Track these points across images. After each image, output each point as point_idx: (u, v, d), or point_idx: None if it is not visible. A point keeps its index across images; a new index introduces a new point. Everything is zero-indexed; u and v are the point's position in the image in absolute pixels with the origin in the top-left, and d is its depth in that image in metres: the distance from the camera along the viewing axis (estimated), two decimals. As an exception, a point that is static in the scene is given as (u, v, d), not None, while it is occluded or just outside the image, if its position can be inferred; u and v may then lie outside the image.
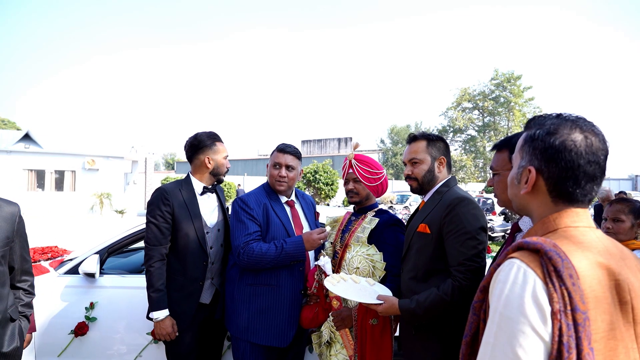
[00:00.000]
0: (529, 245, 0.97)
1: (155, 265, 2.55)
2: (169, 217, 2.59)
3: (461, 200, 1.95)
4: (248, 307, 2.52)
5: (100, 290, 3.06)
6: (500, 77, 41.48)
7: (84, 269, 2.96)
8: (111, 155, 24.25)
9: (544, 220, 1.08)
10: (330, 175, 20.86)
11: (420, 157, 2.16)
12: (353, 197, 2.52)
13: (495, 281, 0.99)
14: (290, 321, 2.50)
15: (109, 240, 3.25)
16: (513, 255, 0.99)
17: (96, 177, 23.65)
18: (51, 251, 3.79)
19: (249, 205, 2.55)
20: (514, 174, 1.16)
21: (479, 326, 1.07)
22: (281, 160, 2.62)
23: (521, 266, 0.94)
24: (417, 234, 2.05)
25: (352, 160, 2.48)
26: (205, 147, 2.73)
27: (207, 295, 2.70)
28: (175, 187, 2.70)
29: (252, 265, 2.44)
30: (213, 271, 2.72)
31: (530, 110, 41.15)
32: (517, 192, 1.15)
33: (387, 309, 1.96)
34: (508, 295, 0.93)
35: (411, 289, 2.02)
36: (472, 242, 1.87)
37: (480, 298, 1.08)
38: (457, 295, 1.83)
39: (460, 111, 43.41)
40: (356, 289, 2.08)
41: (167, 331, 2.52)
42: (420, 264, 2.01)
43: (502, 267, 0.99)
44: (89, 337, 2.99)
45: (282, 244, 2.42)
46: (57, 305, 3.01)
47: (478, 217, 1.93)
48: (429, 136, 2.20)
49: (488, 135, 42.79)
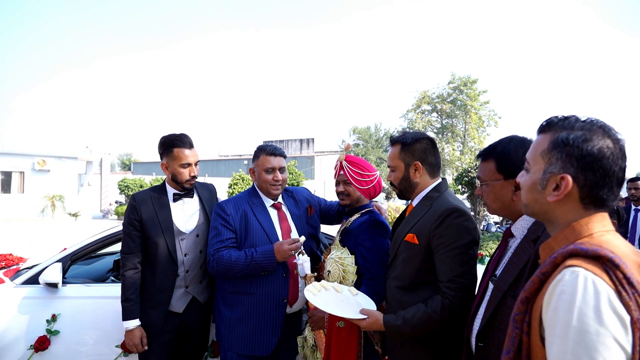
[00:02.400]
0: (587, 252, 0.93)
1: (126, 274, 2.52)
2: (138, 225, 2.55)
3: (452, 211, 1.82)
4: (230, 315, 2.44)
5: (63, 301, 2.85)
6: (457, 80, 42.76)
7: (45, 279, 2.75)
8: (64, 155, 23.11)
9: (573, 226, 1.04)
10: (295, 176, 20.71)
11: (394, 163, 2.05)
12: (344, 199, 2.47)
13: (554, 293, 0.94)
14: (271, 329, 2.41)
15: (71, 247, 3.04)
16: (570, 263, 0.94)
17: (47, 178, 22.46)
18: (5, 259, 3.51)
19: (225, 211, 2.48)
20: (537, 179, 1.11)
21: (521, 340, 1.02)
22: (275, 163, 2.53)
23: (588, 275, 0.90)
24: (405, 243, 1.94)
25: (343, 162, 2.41)
26: (164, 152, 2.60)
27: (179, 304, 2.59)
28: (147, 194, 2.64)
29: (222, 273, 2.39)
30: (188, 279, 2.60)
31: (486, 113, 42.67)
32: (539, 198, 1.11)
33: (371, 325, 1.88)
34: (581, 307, 0.88)
35: (397, 299, 1.94)
36: (464, 257, 1.78)
37: (522, 310, 1.02)
38: (447, 313, 1.74)
39: (419, 113, 44.47)
40: (338, 299, 2.01)
41: (134, 342, 2.47)
42: (406, 274, 1.92)
43: (562, 277, 0.94)
44: (51, 351, 2.77)
45: (252, 253, 2.34)
46: (14, 318, 2.77)
47: (470, 230, 1.82)
48: (404, 139, 2.03)
49: (446, 137, 44.03)
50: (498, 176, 1.63)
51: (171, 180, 2.63)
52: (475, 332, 1.55)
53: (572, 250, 0.96)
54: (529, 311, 1.01)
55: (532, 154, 1.14)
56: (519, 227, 1.62)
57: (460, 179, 12.13)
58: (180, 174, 2.58)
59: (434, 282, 1.85)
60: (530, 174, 1.14)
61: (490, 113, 42.93)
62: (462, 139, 43.90)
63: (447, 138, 43.84)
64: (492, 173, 1.66)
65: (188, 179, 2.60)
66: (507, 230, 1.68)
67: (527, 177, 1.15)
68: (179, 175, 2.58)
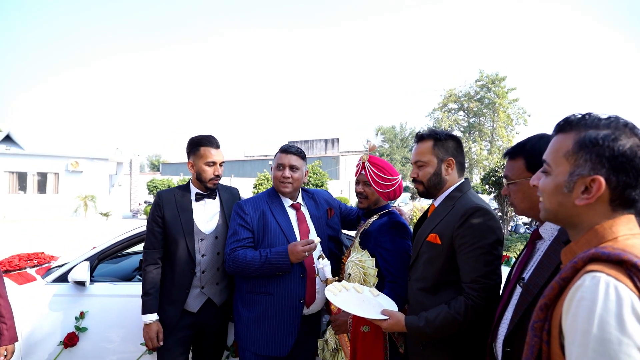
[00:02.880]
0: (609, 256, 0.89)
1: (147, 269, 2.60)
2: (160, 222, 2.62)
3: (476, 210, 1.79)
4: (248, 314, 2.46)
5: (91, 298, 2.93)
6: (485, 78, 41.95)
7: (74, 277, 2.84)
8: (95, 156, 23.86)
9: (596, 229, 1.00)
10: (319, 176, 20.74)
11: (426, 159, 2.00)
12: (362, 201, 2.44)
13: (574, 299, 0.89)
14: (288, 330, 2.40)
15: (99, 246, 3.12)
16: (591, 268, 0.90)
17: (80, 179, 23.22)
18: (37, 258, 3.64)
19: (244, 210, 2.51)
20: (562, 181, 1.05)
21: (541, 348, 0.98)
22: (284, 160, 2.54)
23: (610, 280, 0.85)
24: (427, 244, 1.91)
25: (366, 163, 2.37)
26: (191, 151, 2.68)
27: (195, 303, 2.60)
28: (171, 192, 2.70)
29: (238, 272, 2.42)
30: (204, 280, 2.61)
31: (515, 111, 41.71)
32: (564, 201, 1.06)
33: (392, 326, 1.84)
34: (602, 314, 0.83)
35: (419, 301, 1.91)
36: (488, 257, 1.74)
37: (541, 317, 0.98)
38: (471, 314, 1.71)
39: (445, 112, 43.81)
40: (359, 300, 1.98)
41: (150, 335, 2.52)
42: (429, 276, 1.89)
43: (582, 282, 0.89)
44: (79, 348, 2.86)
45: (267, 254, 2.34)
46: (45, 315, 2.87)
47: (494, 230, 1.78)
48: (436, 135, 2.02)
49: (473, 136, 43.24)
50: (527, 174, 1.58)
51: (195, 179, 2.68)
52: (502, 338, 1.50)
53: (593, 254, 0.91)
54: (549, 318, 0.97)
55: (554, 155, 1.08)
56: (548, 229, 1.56)
57: (487, 179, 11.88)
58: (204, 172, 2.63)
59: (457, 283, 1.81)
60: (553, 177, 1.08)
61: (519, 111, 41.95)
62: (490, 138, 43.03)
63: (474, 137, 43.03)
64: (521, 171, 1.62)
65: (212, 178, 2.64)
66: (534, 232, 1.62)
67: (549, 180, 1.09)
68: (204, 174, 2.63)
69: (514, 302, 1.52)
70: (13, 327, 2.45)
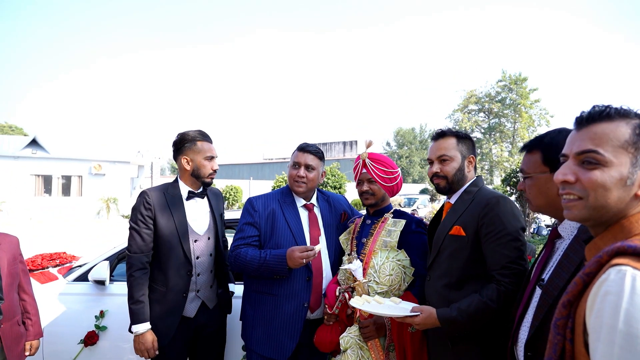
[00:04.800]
0: (636, 249, 0.84)
1: (135, 274, 2.38)
2: (150, 223, 2.42)
3: (499, 199, 1.84)
4: (253, 314, 2.43)
5: (111, 298, 2.97)
6: (507, 78, 41.36)
7: (94, 276, 2.88)
8: (117, 160, 24.31)
9: (623, 223, 0.96)
10: (338, 178, 20.69)
11: (451, 154, 2.02)
12: (368, 198, 2.36)
13: (599, 294, 0.85)
14: (289, 334, 2.35)
15: (118, 246, 3.15)
16: (616, 261, 0.86)
17: (103, 181, 23.69)
18: (59, 257, 3.71)
19: (254, 207, 2.46)
20: (626, 173, 0.98)
21: (564, 347, 0.94)
22: (300, 159, 2.47)
23: (636, 274, 0.81)
24: (450, 237, 1.92)
25: (366, 160, 2.33)
26: (185, 146, 2.51)
27: (191, 308, 2.50)
28: (159, 190, 2.53)
29: (239, 270, 2.39)
30: (199, 283, 2.52)
31: (537, 112, 40.99)
32: (625, 195, 0.98)
33: (424, 320, 1.81)
34: (628, 309, 0.79)
35: (445, 297, 1.89)
36: (515, 243, 1.77)
37: (564, 315, 0.94)
38: (503, 300, 1.72)
39: (466, 113, 43.33)
40: (384, 306, 1.95)
41: (146, 347, 2.33)
42: (454, 270, 1.89)
43: (607, 276, 0.85)
44: (99, 346, 2.89)
45: (266, 255, 2.29)
46: (66, 313, 2.92)
47: (518, 217, 1.83)
48: (458, 133, 2.07)
49: (494, 137, 42.63)
50: (544, 168, 1.53)
51: (191, 175, 2.55)
52: (524, 341, 1.44)
53: (619, 247, 0.87)
54: (572, 316, 0.92)
55: (608, 146, 0.99)
56: (568, 227, 1.50)
57: (508, 180, 11.68)
58: (204, 166, 2.52)
59: (481, 276, 1.84)
60: (613, 169, 0.98)
61: (541, 112, 41.21)
62: (511, 139, 42.35)
63: (494, 138, 42.44)
64: (537, 165, 1.56)
65: (211, 173, 2.55)
66: (553, 231, 1.55)
67: (610, 173, 0.99)
68: (203, 169, 2.52)
69: (534, 304, 1.47)
70: (38, 323, 2.49)
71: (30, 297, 2.52)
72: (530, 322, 1.45)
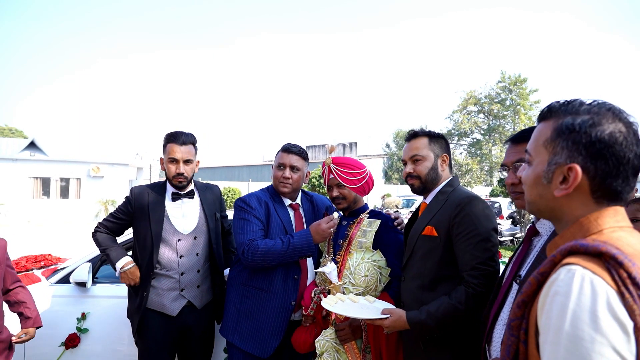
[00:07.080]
0: (587, 248, 0.82)
1: (96, 235, 2.63)
2: (130, 214, 2.61)
3: (471, 199, 1.84)
4: (238, 308, 2.42)
5: (93, 300, 2.95)
6: (507, 79, 41.31)
7: (75, 278, 2.86)
8: (116, 162, 24.28)
9: (581, 222, 0.93)
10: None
11: (423, 153, 2.02)
12: (341, 203, 2.36)
13: (549, 294, 0.83)
14: (274, 331, 2.34)
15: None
16: (568, 261, 0.83)
17: (101, 184, 23.66)
18: (44, 259, 3.69)
19: (250, 205, 2.45)
20: (540, 171, 0.99)
21: (518, 349, 0.91)
22: (285, 160, 2.48)
23: (585, 273, 0.79)
24: (423, 238, 1.91)
25: (331, 165, 2.33)
26: (164, 148, 2.60)
27: (173, 306, 2.53)
28: (144, 189, 2.63)
29: (258, 263, 2.29)
30: (183, 282, 2.53)
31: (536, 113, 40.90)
32: (544, 193, 0.99)
33: (394, 323, 1.80)
34: (575, 310, 0.76)
35: (418, 299, 1.88)
36: (486, 244, 1.76)
37: (518, 315, 0.91)
38: (472, 303, 1.70)
39: (465, 114, 43.26)
40: (357, 307, 1.95)
41: (135, 275, 2.53)
42: (427, 271, 1.88)
43: (557, 276, 0.83)
44: (81, 349, 2.87)
45: (289, 239, 2.28)
46: (47, 315, 2.87)
47: (490, 218, 1.82)
48: (430, 133, 2.08)
49: (493, 138, 42.58)
50: None
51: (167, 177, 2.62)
52: (500, 341, 1.42)
53: (572, 247, 0.84)
54: (526, 317, 0.90)
55: (534, 145, 1.02)
56: (546, 224, 1.49)
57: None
58: (168, 169, 2.55)
59: (454, 277, 1.83)
60: (533, 167, 1.01)
61: (541, 113, 41.13)
62: (511, 141, 42.25)
63: (494, 140, 42.39)
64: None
65: (174, 176, 2.54)
66: (531, 228, 1.54)
67: (530, 171, 1.03)
68: (167, 171, 2.56)
69: (510, 301, 1.45)
70: (36, 311, 2.43)
71: (24, 288, 2.46)
72: (506, 320, 1.42)
